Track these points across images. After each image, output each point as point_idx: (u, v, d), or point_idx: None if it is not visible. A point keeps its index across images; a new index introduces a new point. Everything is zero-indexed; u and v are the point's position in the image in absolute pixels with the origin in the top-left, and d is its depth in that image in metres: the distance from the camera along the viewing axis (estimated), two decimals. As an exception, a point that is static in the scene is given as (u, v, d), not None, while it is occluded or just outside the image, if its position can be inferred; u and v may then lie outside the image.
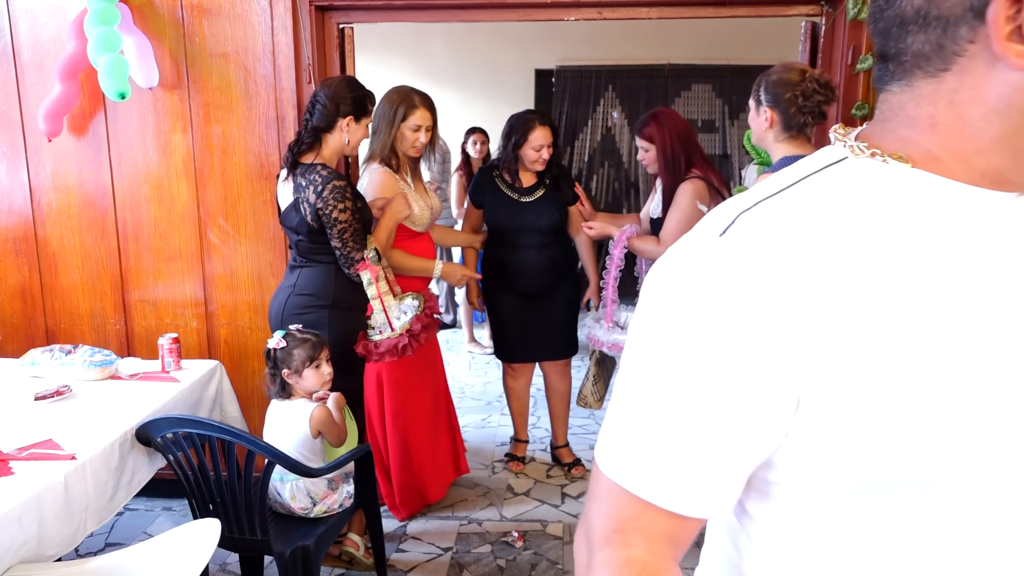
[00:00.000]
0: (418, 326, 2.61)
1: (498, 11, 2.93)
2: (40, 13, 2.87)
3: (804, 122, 2.16)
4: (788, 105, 2.14)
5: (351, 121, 2.46)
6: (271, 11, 2.82)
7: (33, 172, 3.00)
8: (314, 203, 2.37)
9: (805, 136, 2.21)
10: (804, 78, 2.15)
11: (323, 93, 2.44)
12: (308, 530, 2.18)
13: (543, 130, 3.08)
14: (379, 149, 2.82)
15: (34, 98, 2.91)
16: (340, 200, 2.37)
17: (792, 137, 2.19)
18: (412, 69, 6.43)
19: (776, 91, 2.16)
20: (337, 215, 2.37)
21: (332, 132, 2.46)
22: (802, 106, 2.14)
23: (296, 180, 2.42)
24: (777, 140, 2.21)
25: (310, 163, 2.43)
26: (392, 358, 2.56)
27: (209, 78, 2.88)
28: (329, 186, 2.36)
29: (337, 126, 2.45)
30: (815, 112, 2.16)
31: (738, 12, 2.88)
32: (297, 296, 2.49)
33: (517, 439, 3.60)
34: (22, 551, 1.63)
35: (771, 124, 2.19)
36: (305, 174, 2.40)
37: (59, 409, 2.19)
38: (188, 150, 2.94)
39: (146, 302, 3.07)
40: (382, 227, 2.64)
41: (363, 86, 2.51)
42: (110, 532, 2.96)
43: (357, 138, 2.53)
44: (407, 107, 2.78)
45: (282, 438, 2.21)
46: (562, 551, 2.84)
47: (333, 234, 2.39)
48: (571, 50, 6.66)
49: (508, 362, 3.39)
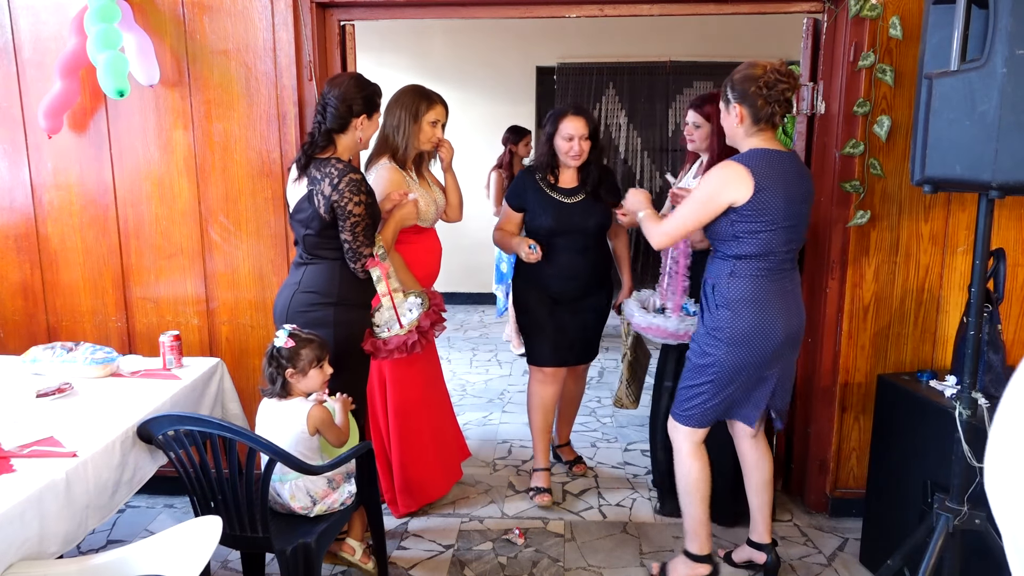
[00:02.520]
0: (427, 323, 2.60)
1: (499, 8, 2.93)
2: (41, 10, 2.87)
3: (772, 111, 2.22)
4: (755, 98, 2.21)
5: (364, 119, 2.48)
6: (272, 8, 2.82)
7: (34, 169, 3.00)
8: (329, 195, 2.36)
9: (772, 127, 2.28)
10: (766, 71, 2.21)
11: (333, 95, 2.43)
12: (309, 527, 2.18)
13: (574, 119, 2.94)
14: (400, 145, 2.85)
15: (35, 95, 2.91)
16: (356, 193, 2.37)
17: (761, 130, 2.26)
18: (413, 67, 6.43)
19: (742, 87, 2.23)
20: (352, 208, 2.36)
21: (346, 132, 2.47)
22: (767, 96, 2.20)
23: (311, 174, 2.41)
24: (748, 135, 2.28)
25: (325, 157, 2.44)
26: (401, 355, 2.54)
27: (210, 75, 2.88)
28: (346, 179, 2.36)
29: (351, 126, 2.46)
30: (781, 100, 2.22)
31: (740, 9, 2.87)
32: (302, 294, 2.47)
33: (539, 468, 3.27)
34: (24, 548, 1.63)
35: (741, 120, 2.26)
36: (320, 167, 2.40)
37: (61, 406, 2.19)
38: (189, 147, 2.94)
39: (147, 299, 3.07)
40: (389, 227, 2.65)
41: (370, 82, 2.52)
42: (111, 529, 2.96)
43: (370, 134, 2.56)
44: (428, 103, 2.84)
45: (279, 435, 2.20)
46: (563, 548, 2.84)
47: (345, 227, 2.38)
48: (572, 47, 6.66)
49: (540, 367, 3.16)
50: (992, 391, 2.33)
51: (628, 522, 3.04)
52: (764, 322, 2.28)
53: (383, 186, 2.78)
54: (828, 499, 3.04)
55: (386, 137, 2.87)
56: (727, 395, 2.38)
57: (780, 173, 2.22)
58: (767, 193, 2.19)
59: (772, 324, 2.28)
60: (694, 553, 2.53)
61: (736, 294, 2.29)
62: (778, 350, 2.32)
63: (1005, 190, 1.80)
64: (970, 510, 2.05)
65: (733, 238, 2.27)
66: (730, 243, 2.28)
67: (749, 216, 2.21)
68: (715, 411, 2.42)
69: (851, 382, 2.93)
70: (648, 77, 6.76)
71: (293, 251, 2.95)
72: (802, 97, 2.90)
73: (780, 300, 2.30)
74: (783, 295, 2.32)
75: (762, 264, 2.28)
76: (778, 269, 2.31)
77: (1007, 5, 1.72)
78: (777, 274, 2.31)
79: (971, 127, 1.81)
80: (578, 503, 3.19)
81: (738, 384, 2.37)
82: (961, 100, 1.83)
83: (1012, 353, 2.81)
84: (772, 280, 2.29)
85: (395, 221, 2.66)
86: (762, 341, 2.29)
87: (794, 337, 2.37)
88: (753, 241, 2.25)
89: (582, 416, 4.01)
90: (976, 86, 1.79)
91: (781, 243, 2.27)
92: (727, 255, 2.31)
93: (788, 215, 2.24)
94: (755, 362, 2.32)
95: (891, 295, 2.85)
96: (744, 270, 2.28)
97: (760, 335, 2.29)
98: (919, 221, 2.79)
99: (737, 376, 2.34)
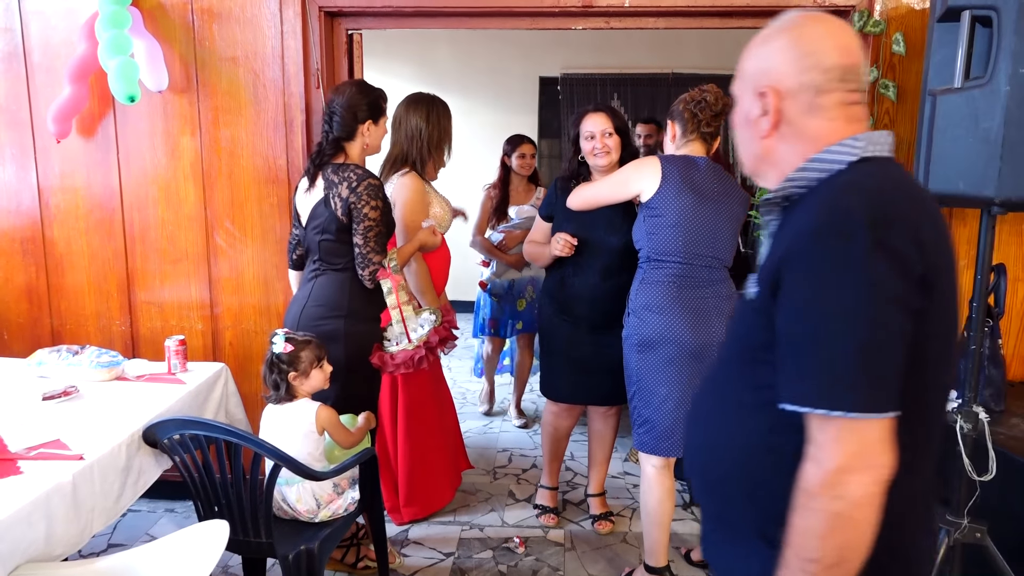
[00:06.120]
0: (435, 339, 2.59)
1: (506, 19, 2.95)
2: (51, 15, 2.89)
3: (698, 121, 2.45)
4: (682, 112, 2.48)
5: (370, 125, 2.50)
6: (281, 16, 2.84)
7: (42, 173, 3.02)
8: (347, 197, 2.38)
9: (701, 138, 2.48)
10: (695, 92, 2.48)
11: (337, 103, 2.46)
12: (312, 533, 2.18)
13: (594, 115, 2.74)
14: (427, 157, 2.93)
15: (44, 99, 2.93)
16: (373, 197, 2.39)
17: (689, 141, 2.48)
18: (417, 75, 6.46)
19: (673, 108, 2.52)
20: (368, 211, 2.38)
21: (354, 140, 2.49)
22: (692, 109, 2.45)
23: (327, 177, 2.43)
24: (679, 148, 2.50)
25: (342, 163, 2.46)
26: (407, 370, 2.53)
27: (218, 82, 2.90)
28: (365, 183, 2.38)
29: (358, 132, 2.49)
30: (704, 108, 2.44)
31: (744, 23, 2.90)
32: (311, 307, 2.47)
33: (546, 486, 3.18)
34: (30, 550, 1.64)
35: (673, 136, 2.51)
36: (338, 171, 2.42)
37: (66, 409, 2.20)
38: (196, 153, 2.96)
39: (151, 304, 3.08)
40: (410, 246, 2.67)
41: (373, 87, 2.54)
42: (113, 533, 2.96)
43: (377, 139, 2.58)
44: (450, 118, 3.00)
45: (285, 439, 2.21)
46: (563, 557, 2.84)
47: (358, 230, 2.39)
48: (576, 58, 6.69)
49: (554, 400, 2.97)
50: (992, 405, 2.35)
51: (628, 532, 3.04)
52: (669, 328, 2.35)
53: (407, 195, 2.81)
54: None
55: (409, 146, 2.90)
56: (664, 410, 2.40)
57: (693, 175, 2.37)
58: (671, 186, 2.33)
59: (678, 331, 2.34)
60: (653, 567, 2.59)
61: (643, 300, 2.40)
62: (690, 358, 2.35)
63: (1008, 206, 1.83)
64: (971, 523, 2.06)
65: (645, 235, 2.41)
66: (643, 244, 2.43)
67: (655, 211, 2.36)
68: (661, 433, 2.43)
69: (852, 395, 2.93)
70: (651, 88, 6.79)
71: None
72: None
73: (690, 310, 2.35)
74: (696, 306, 2.36)
75: (670, 271, 2.37)
76: (690, 278, 2.37)
77: (1010, 24, 1.74)
78: (690, 285, 2.37)
79: (974, 144, 1.83)
80: (578, 512, 3.20)
81: (665, 397, 2.39)
82: (964, 117, 1.86)
83: (1012, 368, 2.83)
84: (683, 288, 2.37)
85: (418, 241, 2.70)
86: (670, 348, 2.36)
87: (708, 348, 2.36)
88: (656, 238, 2.38)
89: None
90: (979, 103, 1.82)
91: (689, 246, 2.35)
92: (641, 262, 2.46)
93: (697, 218, 2.34)
94: (669, 370, 2.37)
95: (892, 308, 2.86)
96: (653, 276, 2.40)
97: (665, 341, 2.36)
98: (921, 235, 2.81)
99: (658, 387, 2.39)
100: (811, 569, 0.97)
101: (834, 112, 1.10)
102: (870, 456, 0.94)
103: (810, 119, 1.11)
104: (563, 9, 2.81)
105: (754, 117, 1.15)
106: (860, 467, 0.93)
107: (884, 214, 0.97)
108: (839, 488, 0.94)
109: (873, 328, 0.94)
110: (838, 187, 1.05)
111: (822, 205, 1.02)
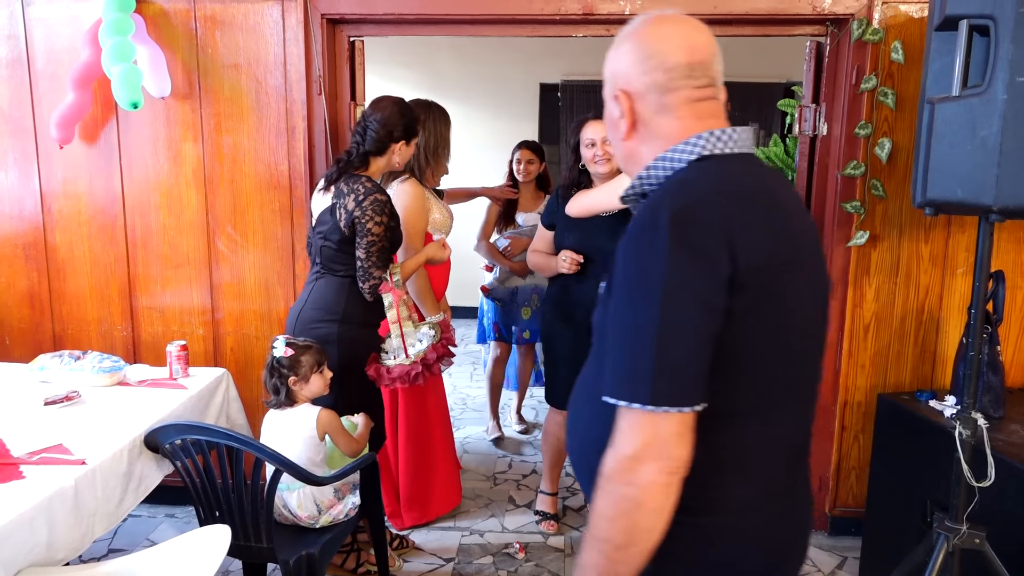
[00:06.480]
0: (433, 356, 2.59)
1: (507, 26, 2.97)
2: (55, 22, 2.91)
3: None
4: None
5: (403, 145, 2.56)
6: (283, 24, 2.86)
7: (44, 178, 3.03)
8: (351, 210, 2.39)
9: None
10: None
11: (375, 118, 2.50)
12: (314, 538, 2.19)
13: (594, 123, 2.76)
14: (429, 163, 2.96)
15: (47, 105, 2.94)
16: (378, 213, 2.40)
17: None
18: (418, 81, 6.48)
19: None
20: (372, 226, 2.39)
21: (383, 156, 2.54)
22: None
23: (339, 187, 2.45)
24: None
25: (355, 174, 2.48)
26: (403, 384, 2.53)
27: (221, 89, 2.91)
28: (371, 197, 2.40)
29: (389, 150, 2.54)
30: None
31: (744, 31, 2.91)
32: (308, 310, 2.49)
33: (546, 492, 3.19)
34: (32, 555, 1.64)
35: None
36: (349, 182, 2.44)
37: (68, 414, 2.21)
38: (198, 159, 2.97)
39: (153, 309, 3.09)
40: (415, 260, 2.67)
41: (412, 108, 2.61)
42: (113, 538, 2.96)
43: (406, 158, 2.63)
44: (449, 124, 3.03)
45: (286, 444, 2.22)
46: (563, 563, 2.85)
47: (361, 244, 2.41)
48: (576, 65, 6.71)
49: (558, 408, 2.97)
50: (991, 411, 2.36)
51: (628, 538, 3.04)
52: None
53: (407, 201, 2.82)
54: (827, 517, 3.05)
55: None
56: None
57: None
58: None
59: None
60: None
61: None
62: None
63: (1006, 214, 1.83)
64: (969, 529, 2.06)
65: None
66: None
67: None
68: None
69: (851, 401, 2.95)
70: (650, 95, 6.81)
71: (299, 263, 2.98)
72: (804, 118, 2.94)
73: None
74: None
75: None
76: None
77: (1008, 33, 1.76)
78: None
79: (972, 152, 1.84)
80: (578, 519, 3.20)
81: None
82: (962, 125, 1.87)
83: (1011, 374, 2.84)
84: None
85: (424, 255, 2.70)
86: None
87: None
88: None
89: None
90: (977, 112, 1.83)
91: None
92: None
93: None
94: None
95: (891, 315, 2.88)
96: None
97: None
98: (919, 242, 2.83)
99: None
100: (603, 548, 1.02)
101: (682, 110, 1.12)
102: (662, 447, 0.97)
103: (660, 118, 1.13)
104: (564, 17, 2.83)
105: (615, 120, 1.17)
106: (651, 457, 0.97)
107: (690, 213, 0.99)
108: (630, 475, 0.98)
109: (669, 325, 0.96)
110: (666, 187, 1.09)
111: (645, 204, 1.07)
